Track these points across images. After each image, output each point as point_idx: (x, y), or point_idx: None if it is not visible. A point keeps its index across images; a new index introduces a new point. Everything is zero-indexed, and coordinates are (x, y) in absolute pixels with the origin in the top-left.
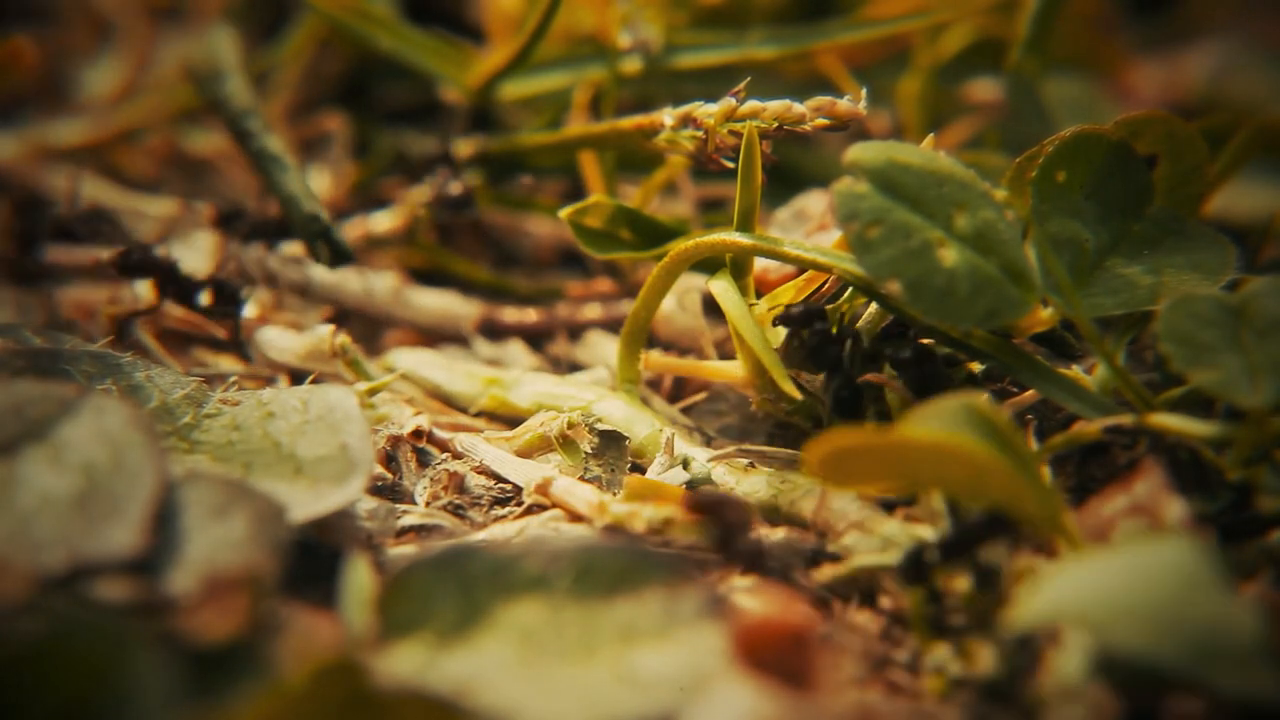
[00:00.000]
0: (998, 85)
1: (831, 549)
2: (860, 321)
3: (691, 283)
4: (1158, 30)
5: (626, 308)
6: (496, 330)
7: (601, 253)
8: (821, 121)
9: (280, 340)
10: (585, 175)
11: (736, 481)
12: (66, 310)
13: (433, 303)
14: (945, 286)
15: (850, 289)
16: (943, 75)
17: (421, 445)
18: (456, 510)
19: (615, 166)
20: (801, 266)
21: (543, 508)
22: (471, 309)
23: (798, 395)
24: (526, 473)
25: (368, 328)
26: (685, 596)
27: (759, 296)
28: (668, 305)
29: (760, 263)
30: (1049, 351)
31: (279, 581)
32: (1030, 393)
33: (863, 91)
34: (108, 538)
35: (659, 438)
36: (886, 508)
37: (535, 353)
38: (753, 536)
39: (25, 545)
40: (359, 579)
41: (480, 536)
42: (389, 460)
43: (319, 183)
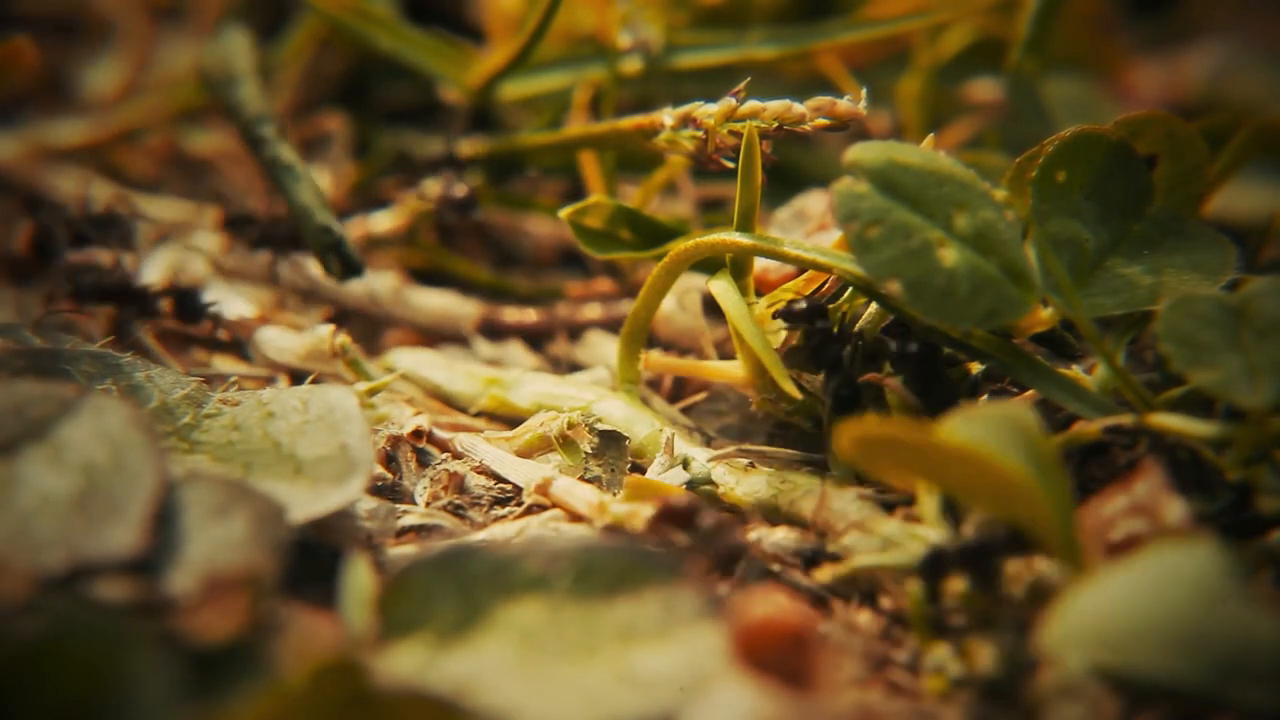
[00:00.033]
0: (998, 85)
1: (831, 549)
2: (860, 322)
3: (691, 283)
4: (1158, 30)
5: (626, 308)
6: (496, 330)
7: (601, 253)
8: (821, 121)
9: (280, 340)
10: (585, 175)
11: (736, 481)
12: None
13: (433, 303)
14: (945, 286)
15: (850, 289)
16: (943, 75)
17: (421, 445)
18: (456, 510)
19: (615, 166)
20: (801, 266)
21: (543, 508)
22: (471, 309)
23: (798, 395)
24: (526, 473)
25: (368, 328)
26: (685, 596)
27: (759, 296)
28: (668, 305)
29: (760, 263)
30: (1049, 351)
31: (279, 581)
32: (1030, 393)
33: (863, 91)
34: (108, 538)
35: (659, 438)
36: (886, 508)
37: (535, 353)
38: (730, 538)
39: (25, 545)
40: (359, 579)
41: (480, 536)
42: (389, 460)
43: (319, 183)
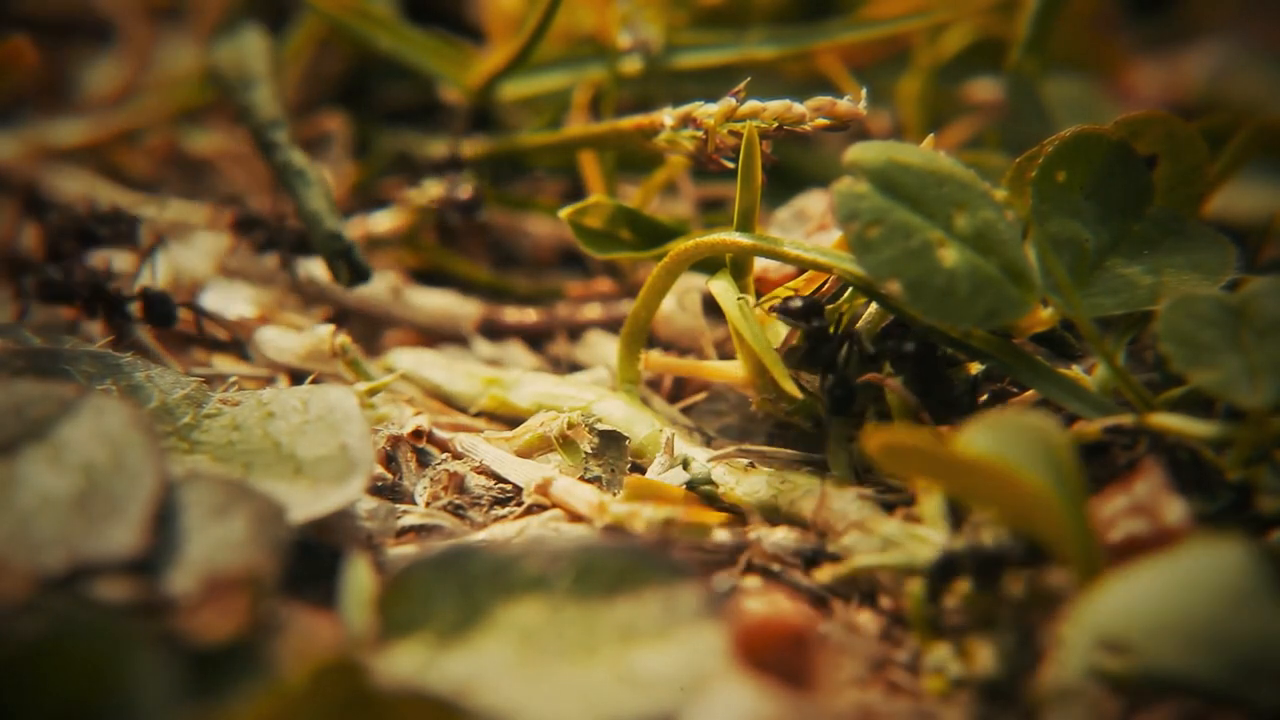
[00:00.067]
0: (998, 85)
1: (831, 549)
2: (860, 322)
3: (691, 283)
4: (1158, 30)
5: (626, 308)
6: (496, 330)
7: (601, 253)
8: (821, 121)
9: (280, 340)
10: (585, 175)
11: (736, 481)
12: (66, 311)
13: (433, 303)
14: (945, 286)
15: (850, 289)
16: (943, 75)
17: (421, 445)
18: (456, 510)
19: (615, 166)
20: (801, 266)
21: (543, 508)
22: (471, 309)
23: (798, 395)
24: (526, 473)
25: (368, 328)
26: (685, 596)
27: (759, 296)
28: (668, 305)
29: (760, 263)
30: (1049, 351)
31: (279, 581)
32: (1030, 393)
33: (863, 91)
34: (108, 538)
35: (659, 438)
36: (886, 508)
37: (535, 353)
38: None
39: (25, 545)
40: (359, 579)
41: (480, 536)
42: (389, 460)
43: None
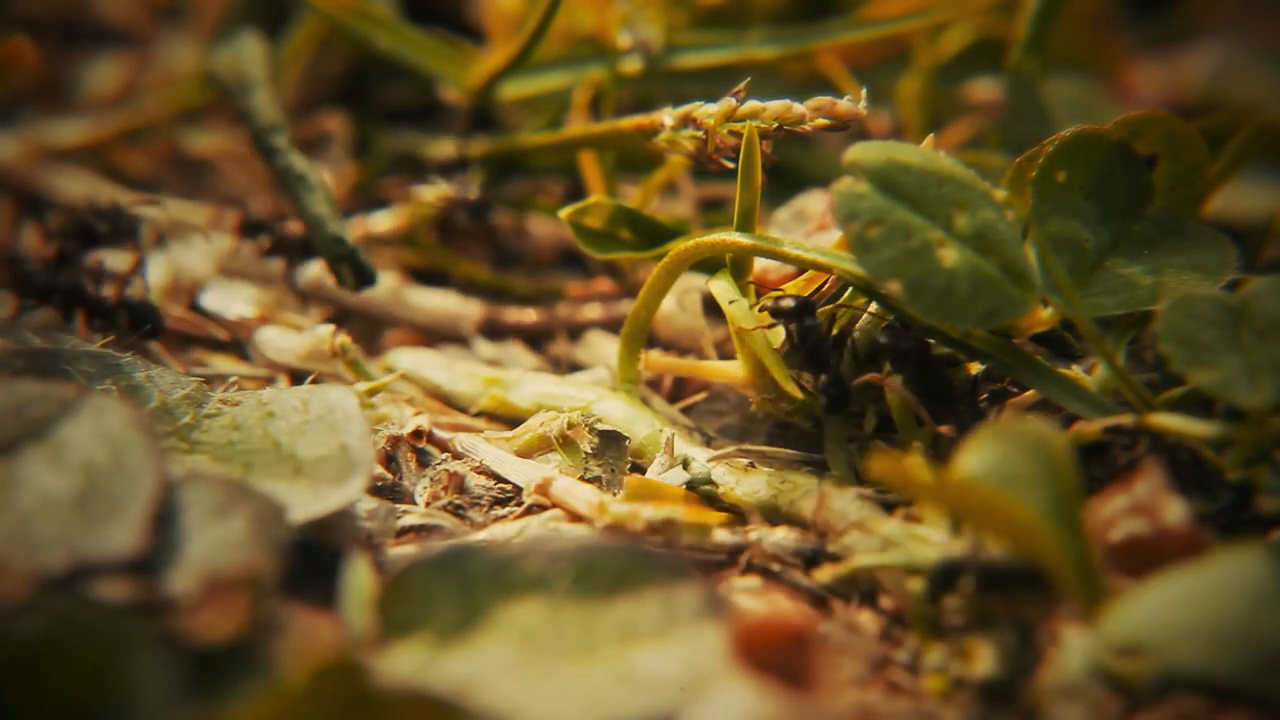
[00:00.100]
0: (998, 85)
1: (831, 549)
2: (860, 322)
3: (691, 283)
4: (1158, 30)
5: (626, 308)
6: (496, 330)
7: (601, 253)
8: (821, 121)
9: (280, 340)
10: (585, 175)
11: (736, 481)
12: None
13: (433, 303)
14: (945, 286)
15: (850, 289)
16: (943, 75)
17: (421, 445)
18: (456, 510)
19: (615, 166)
20: (801, 266)
21: (543, 508)
22: (471, 309)
23: (798, 395)
24: (526, 473)
25: (368, 328)
26: (685, 596)
27: (759, 296)
28: (668, 305)
29: (760, 263)
30: (1049, 351)
31: (279, 581)
32: (1030, 393)
33: (863, 91)
34: (108, 538)
35: (659, 438)
36: (886, 508)
37: (535, 353)
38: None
39: (25, 545)
40: (359, 579)
41: (480, 536)
42: (389, 460)
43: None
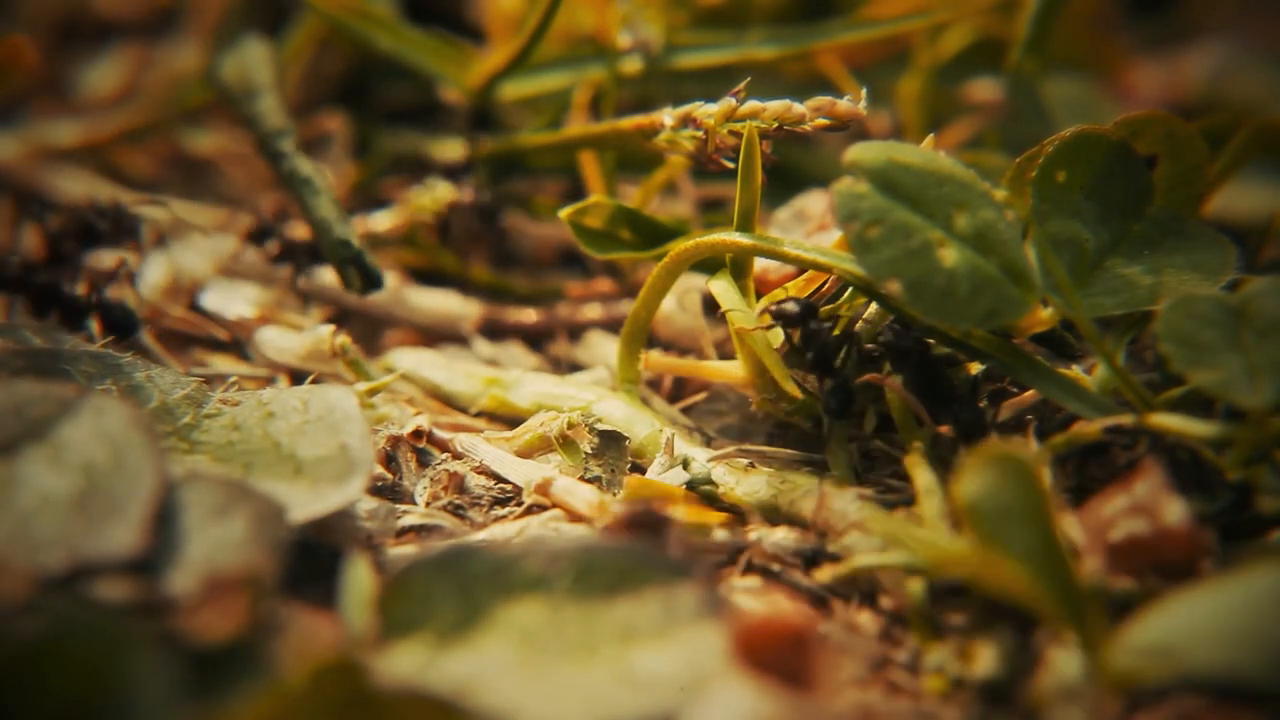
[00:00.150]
0: (998, 85)
1: (831, 549)
2: (860, 322)
3: (691, 283)
4: (1158, 30)
5: (626, 308)
6: (496, 330)
7: (601, 253)
8: (821, 121)
9: (280, 340)
10: (585, 175)
11: (736, 481)
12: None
13: (433, 303)
14: (945, 286)
15: (850, 289)
16: (943, 75)
17: (421, 445)
18: (456, 510)
19: (615, 166)
20: (801, 266)
21: (543, 508)
22: (471, 309)
23: (798, 395)
24: (526, 473)
25: (368, 328)
26: (685, 596)
27: (759, 296)
28: (668, 305)
29: (760, 263)
30: (1049, 351)
31: (279, 581)
32: (1030, 393)
33: (863, 91)
34: (108, 538)
35: (659, 438)
36: (886, 508)
37: (535, 353)
38: (682, 538)
39: (25, 545)
40: (359, 579)
41: (480, 536)
42: (389, 460)
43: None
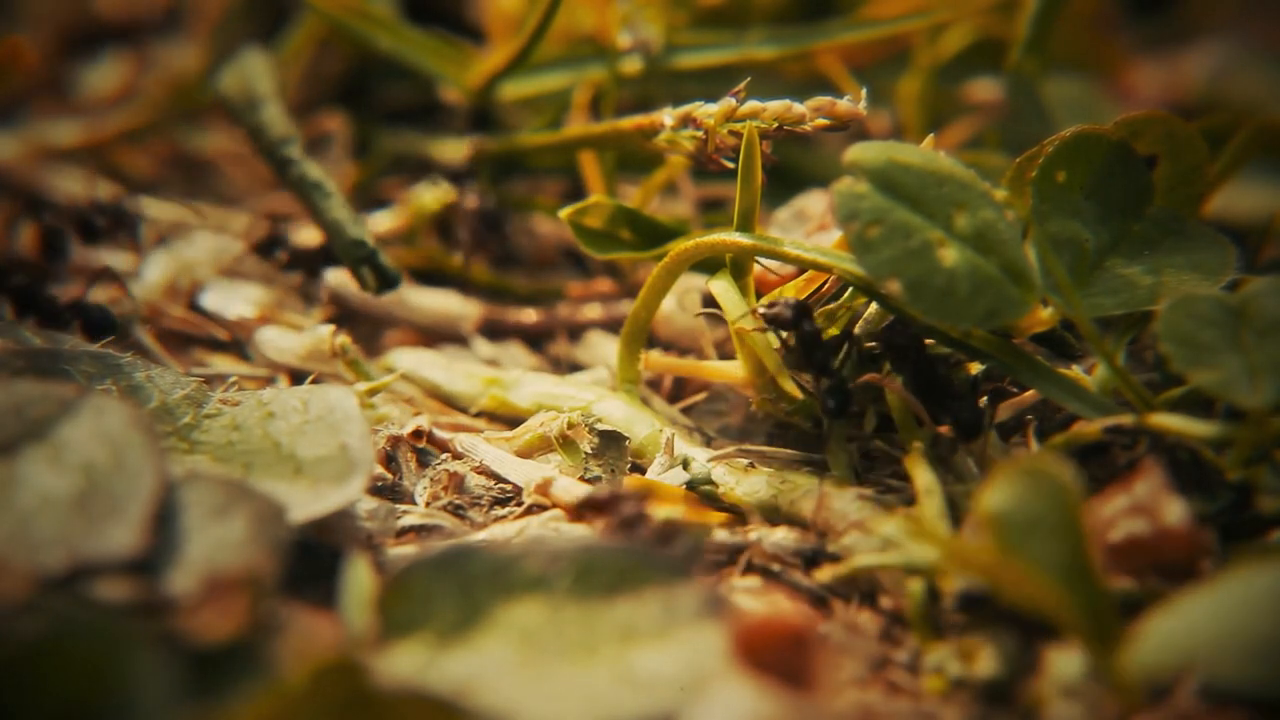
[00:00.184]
0: (998, 85)
1: (831, 549)
2: (860, 322)
3: (691, 283)
4: (1158, 30)
5: (626, 308)
6: (496, 330)
7: (601, 253)
8: (821, 121)
9: (280, 340)
10: (585, 175)
11: (736, 481)
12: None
13: (433, 303)
14: (945, 286)
15: (850, 289)
16: (943, 75)
17: (421, 445)
18: (456, 510)
19: (615, 166)
20: (801, 266)
21: (543, 508)
22: (471, 309)
23: (798, 395)
24: (526, 473)
25: (368, 328)
26: (685, 596)
27: (759, 296)
28: (668, 305)
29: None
30: (1049, 351)
31: (279, 581)
32: (1030, 393)
33: (863, 91)
34: (108, 538)
35: (659, 438)
36: (886, 508)
37: (535, 353)
38: (651, 518)
39: (25, 545)
40: (359, 579)
41: (480, 536)
42: (389, 460)
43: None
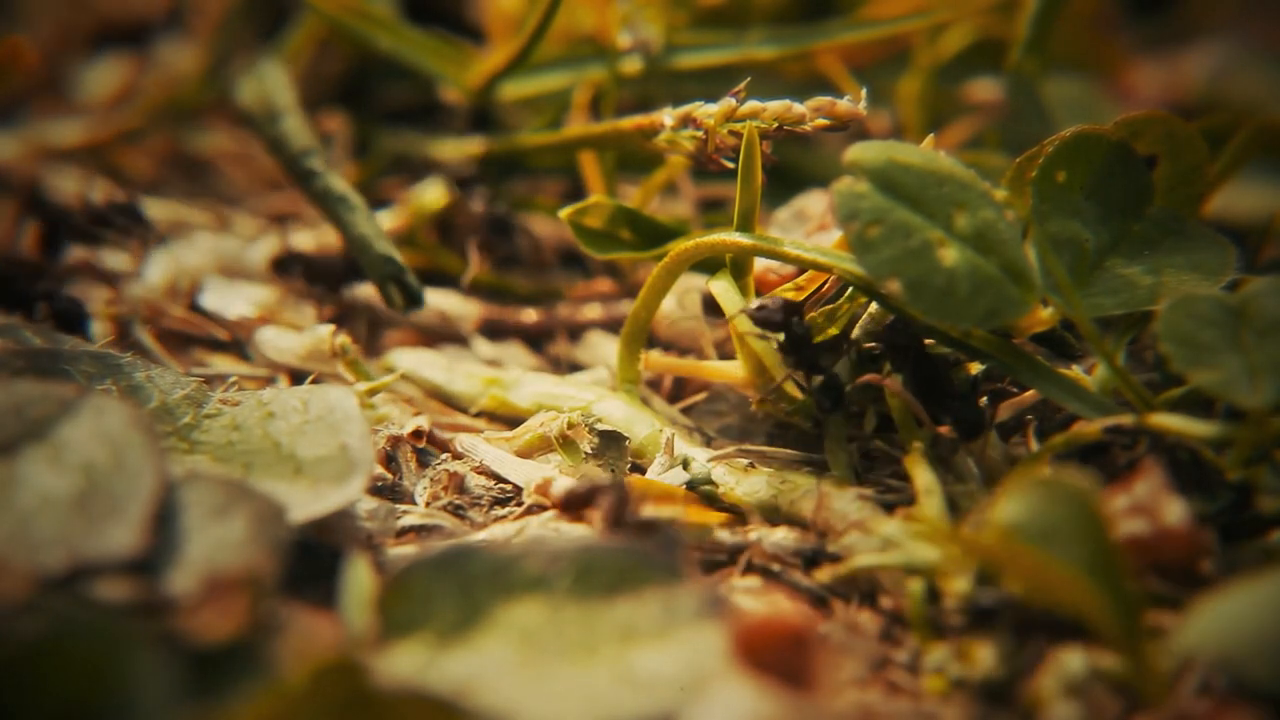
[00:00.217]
0: (998, 85)
1: (831, 549)
2: (860, 322)
3: (691, 283)
4: (1158, 30)
5: (626, 308)
6: (496, 330)
7: (601, 253)
8: (821, 121)
9: (280, 340)
10: (585, 175)
11: (736, 481)
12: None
13: (433, 303)
14: (945, 286)
15: (850, 289)
16: (943, 75)
17: (421, 445)
18: (456, 510)
19: (615, 166)
20: (801, 266)
21: (543, 508)
22: (471, 309)
23: (798, 395)
24: (526, 473)
25: (368, 328)
26: (685, 596)
27: (759, 296)
28: (668, 305)
29: (760, 262)
30: (1049, 351)
31: (279, 581)
32: (1030, 393)
33: (863, 91)
34: (108, 538)
35: (659, 438)
36: (886, 508)
37: (535, 353)
38: (636, 508)
39: (25, 545)
40: (359, 579)
41: (480, 536)
42: (389, 460)
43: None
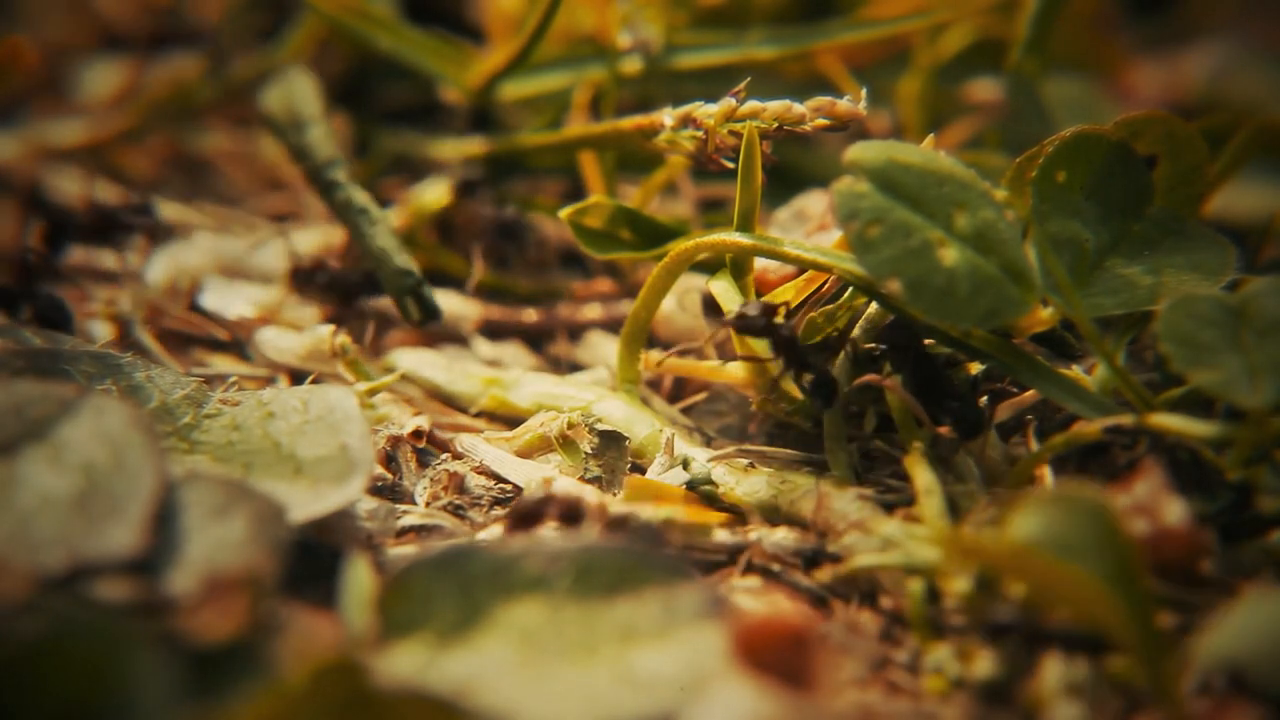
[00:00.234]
0: (998, 85)
1: (831, 549)
2: (859, 322)
3: (691, 283)
4: (1158, 30)
5: (626, 308)
6: (497, 330)
7: (601, 253)
8: (821, 121)
9: (280, 340)
10: (585, 175)
11: (736, 481)
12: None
13: None
14: (945, 286)
15: (850, 289)
16: (943, 75)
17: (421, 445)
18: (456, 510)
19: (615, 166)
20: (801, 266)
21: None
22: (471, 309)
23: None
24: (526, 473)
25: (368, 328)
26: (685, 596)
27: (759, 297)
28: (668, 305)
29: (760, 262)
30: (1049, 351)
31: (279, 581)
32: (1030, 393)
33: (863, 91)
34: (108, 538)
35: (659, 438)
36: (886, 508)
37: (535, 353)
38: (592, 515)
39: (25, 545)
40: (359, 579)
41: (480, 536)
42: (389, 460)
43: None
